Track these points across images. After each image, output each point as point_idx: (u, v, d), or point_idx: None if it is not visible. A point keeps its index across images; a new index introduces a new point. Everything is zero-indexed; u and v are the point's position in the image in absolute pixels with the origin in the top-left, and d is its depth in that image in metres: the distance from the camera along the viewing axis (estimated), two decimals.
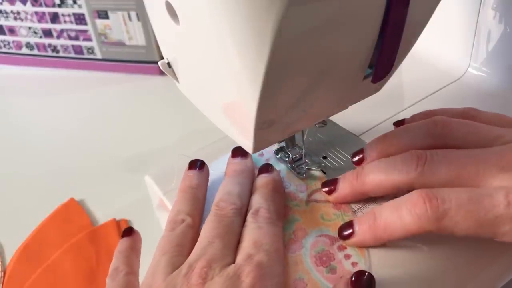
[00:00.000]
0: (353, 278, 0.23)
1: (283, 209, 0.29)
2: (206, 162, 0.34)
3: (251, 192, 0.29)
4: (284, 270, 0.25)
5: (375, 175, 0.27)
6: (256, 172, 0.31)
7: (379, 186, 0.27)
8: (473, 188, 0.24)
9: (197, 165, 0.31)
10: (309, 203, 0.29)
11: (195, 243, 0.26)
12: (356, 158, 0.30)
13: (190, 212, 0.28)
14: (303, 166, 0.31)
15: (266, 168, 0.30)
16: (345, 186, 0.28)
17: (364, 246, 0.26)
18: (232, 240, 0.25)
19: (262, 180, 0.29)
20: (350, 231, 0.26)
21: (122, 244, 0.29)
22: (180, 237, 0.26)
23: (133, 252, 0.29)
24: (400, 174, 0.26)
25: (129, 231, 0.30)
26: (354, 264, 0.25)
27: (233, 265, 0.24)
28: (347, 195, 0.28)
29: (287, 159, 0.32)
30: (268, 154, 0.33)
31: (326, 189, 0.29)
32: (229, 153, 0.32)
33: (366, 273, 0.23)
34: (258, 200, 0.28)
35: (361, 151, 0.30)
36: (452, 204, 0.23)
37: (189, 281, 0.23)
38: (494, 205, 0.23)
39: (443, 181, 0.25)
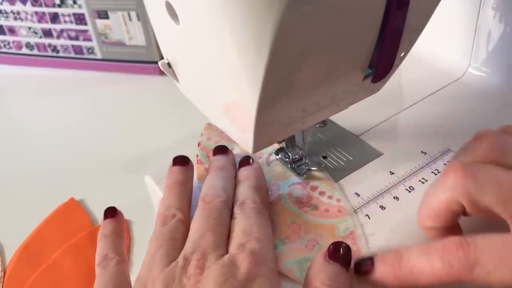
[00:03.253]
0: (330, 249, 0.24)
1: (267, 197, 0.30)
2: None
3: (235, 185, 0.30)
4: (276, 256, 0.26)
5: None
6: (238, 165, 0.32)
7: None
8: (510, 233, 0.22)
9: (181, 160, 0.31)
10: (270, 163, 0.33)
11: (186, 238, 0.26)
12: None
13: (180, 207, 0.28)
14: (303, 166, 0.31)
15: (247, 160, 0.31)
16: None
17: (382, 286, 0.23)
18: (223, 232, 0.26)
19: (244, 172, 0.30)
20: (369, 267, 0.23)
21: (107, 226, 0.29)
22: (173, 231, 0.27)
23: (119, 236, 0.29)
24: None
25: (112, 212, 0.30)
26: (330, 197, 0.29)
27: (227, 254, 0.24)
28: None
29: (287, 159, 0.32)
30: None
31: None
32: None
33: (343, 244, 0.24)
34: (242, 192, 0.28)
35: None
36: (484, 251, 0.21)
37: (187, 272, 0.24)
38: None
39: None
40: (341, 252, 0.24)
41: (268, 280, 0.23)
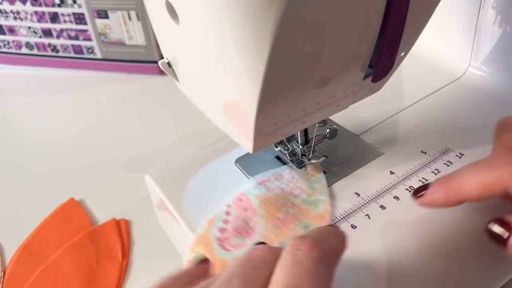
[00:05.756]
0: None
1: (338, 255, 0.20)
2: (206, 162, 0.34)
3: None
4: None
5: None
6: None
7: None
8: None
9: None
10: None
11: None
12: None
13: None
14: (303, 159, 0.31)
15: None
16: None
17: (436, 205, 0.25)
18: (260, 279, 0.18)
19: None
20: (424, 190, 0.25)
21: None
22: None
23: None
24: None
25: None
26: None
27: None
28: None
29: (286, 151, 0.31)
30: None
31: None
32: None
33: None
34: (306, 232, 0.21)
35: None
36: None
37: None
38: None
39: None
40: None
41: None
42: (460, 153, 0.31)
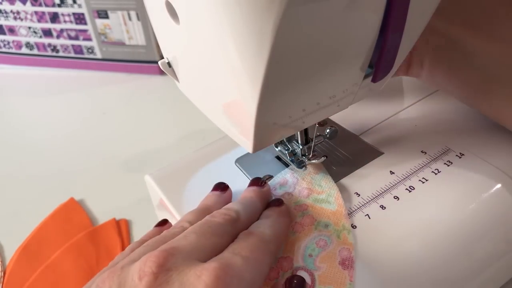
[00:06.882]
0: (286, 282, 0.24)
1: (283, 240, 0.27)
2: (206, 162, 0.34)
3: (255, 218, 0.27)
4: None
5: None
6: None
7: None
8: None
9: (219, 187, 0.31)
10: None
11: None
12: None
13: (192, 221, 0.26)
14: (303, 159, 0.31)
15: (277, 201, 0.29)
16: None
17: None
18: (212, 244, 0.23)
19: (269, 211, 0.28)
20: None
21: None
22: (167, 236, 0.25)
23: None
24: None
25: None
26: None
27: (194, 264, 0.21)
28: None
29: (286, 151, 0.31)
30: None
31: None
32: None
33: (296, 277, 0.24)
34: (256, 224, 0.26)
35: None
36: None
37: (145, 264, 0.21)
38: None
39: None
40: (296, 285, 0.24)
41: None
42: (460, 153, 0.31)
